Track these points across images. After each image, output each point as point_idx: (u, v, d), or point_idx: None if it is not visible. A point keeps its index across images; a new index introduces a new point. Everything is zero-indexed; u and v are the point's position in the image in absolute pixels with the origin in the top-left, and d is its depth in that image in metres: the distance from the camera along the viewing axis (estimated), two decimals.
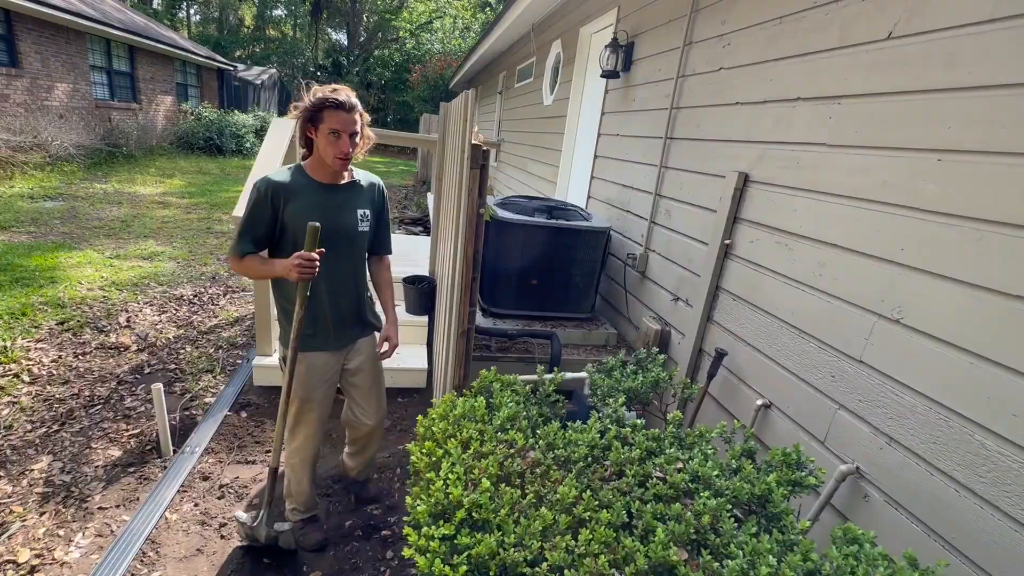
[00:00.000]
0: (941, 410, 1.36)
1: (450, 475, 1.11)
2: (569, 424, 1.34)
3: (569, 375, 2.82)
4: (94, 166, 9.28)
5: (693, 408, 2.25)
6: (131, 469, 2.31)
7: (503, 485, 1.10)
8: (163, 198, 7.95)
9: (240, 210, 2.61)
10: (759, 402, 1.99)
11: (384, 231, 1.97)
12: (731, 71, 2.34)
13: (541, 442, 1.26)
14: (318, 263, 1.57)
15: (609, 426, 1.33)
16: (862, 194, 1.62)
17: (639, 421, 1.34)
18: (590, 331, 3.17)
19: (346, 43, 31.06)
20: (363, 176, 1.86)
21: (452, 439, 1.25)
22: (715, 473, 1.12)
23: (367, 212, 1.81)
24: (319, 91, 1.61)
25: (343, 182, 1.76)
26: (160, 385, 2.33)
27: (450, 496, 1.06)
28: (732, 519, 1.04)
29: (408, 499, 1.12)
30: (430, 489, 1.10)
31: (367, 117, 1.74)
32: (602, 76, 3.55)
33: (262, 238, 1.67)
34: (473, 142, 1.88)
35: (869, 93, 1.62)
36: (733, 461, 1.24)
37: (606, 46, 3.46)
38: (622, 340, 3.23)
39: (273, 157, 2.97)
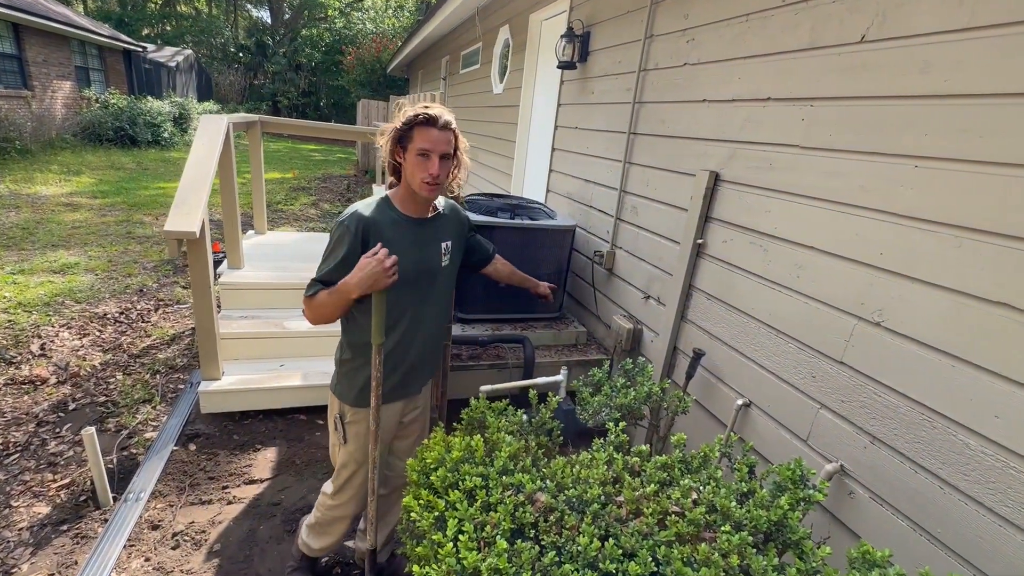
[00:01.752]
0: (924, 411, 1.41)
1: (460, 536, 1.01)
2: (573, 458, 1.27)
3: (543, 379, 2.78)
4: None
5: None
6: (64, 527, 2.03)
7: (519, 541, 1.01)
8: (71, 199, 7.12)
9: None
10: (739, 401, 2.02)
11: (481, 246, 1.89)
12: (696, 67, 2.31)
13: (550, 483, 1.18)
14: (396, 263, 1.38)
15: (615, 455, 1.28)
16: (839, 198, 1.64)
17: (644, 447, 1.29)
18: (560, 331, 3.13)
19: (269, 21, 29.00)
20: (443, 204, 1.69)
21: (454, 489, 1.14)
22: (732, 504, 1.09)
23: (449, 244, 1.66)
24: (410, 109, 1.47)
25: (431, 215, 1.61)
26: (92, 429, 2.05)
27: (464, 562, 0.96)
28: (755, 551, 1.01)
29: (416, 568, 1.01)
30: (439, 553, 1.00)
31: (465, 143, 1.57)
32: (558, 67, 3.46)
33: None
34: None
35: (843, 96, 1.63)
36: (743, 484, 1.22)
37: (562, 36, 3.36)
38: (592, 338, 3.21)
39: (206, 162, 2.66)
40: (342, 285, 1.38)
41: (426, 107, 1.46)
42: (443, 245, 1.64)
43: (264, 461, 2.58)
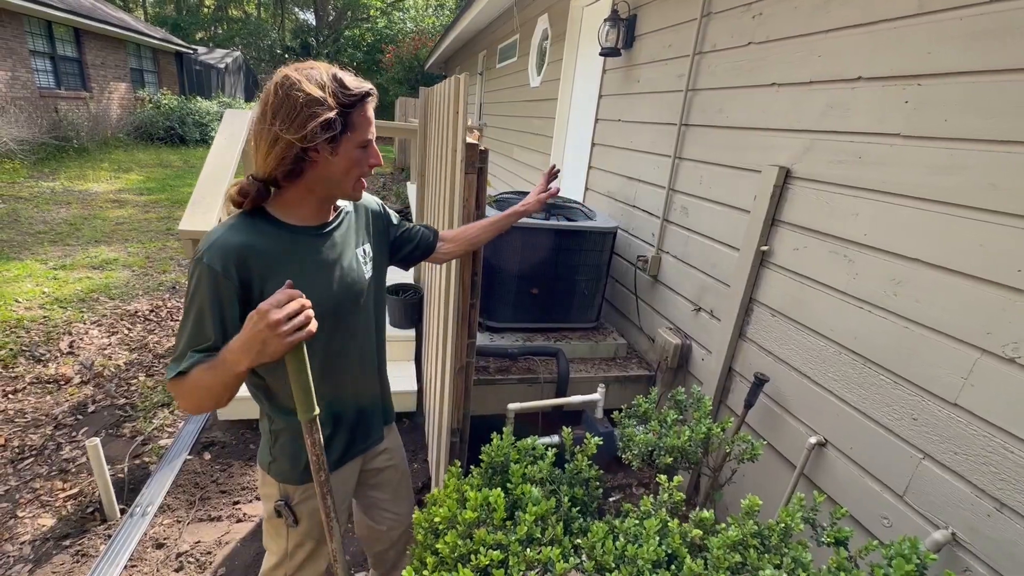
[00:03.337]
0: None
1: None
2: (617, 524, 1.02)
3: (578, 398, 2.52)
4: (40, 162, 8.54)
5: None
6: (66, 542, 1.93)
7: None
8: (118, 196, 7.34)
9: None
10: (812, 439, 1.70)
11: (414, 234, 1.41)
12: (764, 46, 1.99)
13: (586, 561, 0.93)
14: (309, 307, 0.90)
15: (668, 521, 1.01)
16: (956, 198, 1.31)
17: (708, 515, 1.02)
18: (597, 342, 2.86)
19: (314, 23, 29.73)
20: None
21: (465, 565, 0.91)
22: None
23: (367, 248, 1.24)
24: (316, 79, 0.99)
25: (331, 216, 1.16)
26: (96, 440, 1.94)
27: None
28: None
29: None
30: None
31: None
32: (601, 55, 3.17)
33: (223, 346, 0.94)
34: (469, 140, 1.51)
35: (965, 71, 1.30)
36: (841, 573, 0.93)
37: (605, 20, 3.07)
38: (633, 351, 2.92)
39: (226, 158, 2.54)
40: (227, 353, 0.91)
41: (359, 80, 1.05)
42: (360, 252, 1.20)
43: None
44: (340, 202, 1.20)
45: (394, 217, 1.39)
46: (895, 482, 1.46)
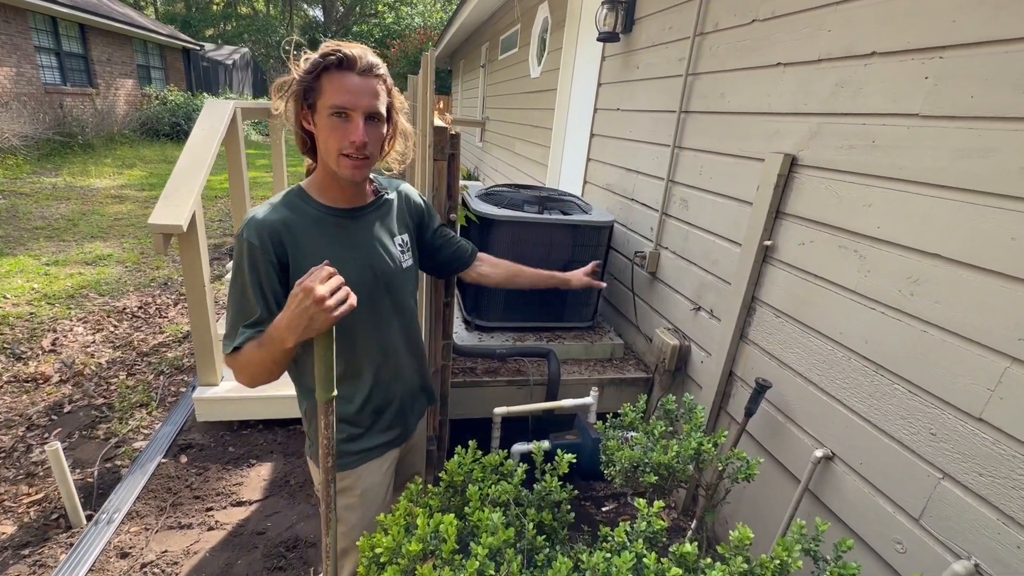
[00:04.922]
0: None
1: None
2: (585, 558, 0.88)
3: (569, 401, 2.39)
4: (44, 158, 8.55)
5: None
6: (25, 551, 1.84)
7: None
8: (120, 191, 7.31)
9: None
10: (818, 452, 1.55)
11: (451, 243, 1.41)
12: (769, 23, 1.83)
13: None
14: (344, 285, 0.92)
15: (645, 555, 0.88)
16: (983, 185, 1.15)
17: (691, 549, 0.88)
18: (592, 343, 2.72)
19: (323, 19, 29.72)
20: (387, 184, 1.26)
21: None
22: None
23: (406, 238, 1.23)
24: (311, 55, 1.02)
25: (368, 201, 1.17)
26: (58, 444, 1.85)
27: None
28: None
29: None
30: None
31: (403, 101, 1.12)
32: (599, 39, 3.02)
33: (269, 319, 0.98)
34: (437, 123, 1.37)
35: (995, 40, 1.14)
36: None
37: (603, 3, 2.91)
38: (630, 351, 2.78)
39: (203, 150, 2.43)
40: (273, 331, 0.94)
41: (339, 45, 1.00)
42: (398, 240, 1.20)
43: (256, 479, 2.33)
44: (382, 187, 1.22)
45: (435, 219, 1.37)
46: (910, 503, 1.31)
